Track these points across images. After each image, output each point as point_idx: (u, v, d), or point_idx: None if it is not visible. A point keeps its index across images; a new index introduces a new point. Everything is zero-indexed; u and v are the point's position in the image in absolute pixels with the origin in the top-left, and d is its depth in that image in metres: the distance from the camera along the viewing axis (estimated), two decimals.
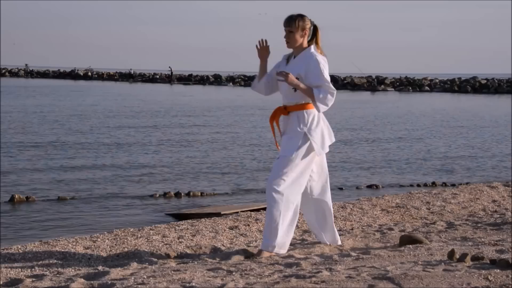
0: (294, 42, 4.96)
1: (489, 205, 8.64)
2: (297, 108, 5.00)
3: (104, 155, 14.74)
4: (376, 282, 3.74)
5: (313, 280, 3.83)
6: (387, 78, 67.49)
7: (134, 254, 5.40)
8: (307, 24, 4.97)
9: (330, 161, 14.41)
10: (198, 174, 12.41)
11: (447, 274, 3.86)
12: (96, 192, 10.40)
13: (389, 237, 6.13)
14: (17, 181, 11.24)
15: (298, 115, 4.99)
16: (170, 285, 3.77)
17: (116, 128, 21.16)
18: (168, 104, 34.38)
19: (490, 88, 59.22)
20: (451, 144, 18.42)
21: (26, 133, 18.82)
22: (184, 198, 10.20)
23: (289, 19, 4.96)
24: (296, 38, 4.95)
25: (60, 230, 7.82)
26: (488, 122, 26.37)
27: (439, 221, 7.27)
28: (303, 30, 4.95)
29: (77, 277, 4.24)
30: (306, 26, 4.96)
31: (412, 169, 13.58)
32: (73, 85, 62.00)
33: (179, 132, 20.19)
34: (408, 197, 9.16)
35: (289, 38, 4.96)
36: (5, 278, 4.35)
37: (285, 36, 4.98)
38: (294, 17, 4.96)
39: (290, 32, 4.95)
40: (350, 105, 36.34)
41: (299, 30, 4.94)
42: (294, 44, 4.97)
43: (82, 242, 6.06)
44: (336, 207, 8.26)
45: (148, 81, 77.63)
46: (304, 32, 4.95)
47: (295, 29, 4.93)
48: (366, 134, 20.67)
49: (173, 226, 7.02)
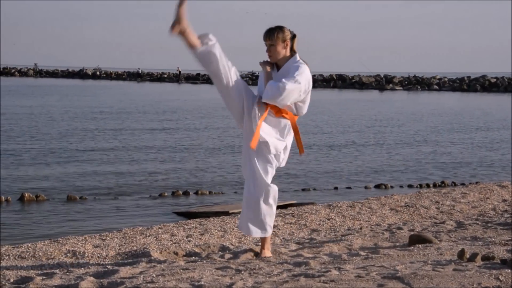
0: (277, 55, 4.94)
1: (499, 204, 8.59)
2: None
3: (113, 154, 14.77)
4: (386, 282, 3.73)
5: (322, 279, 3.82)
6: (396, 77, 67.32)
7: (143, 252, 5.41)
8: (287, 35, 4.94)
9: (339, 161, 14.42)
10: (206, 173, 12.42)
11: (457, 274, 3.84)
12: (105, 191, 10.43)
13: (398, 237, 6.11)
14: (26, 180, 11.29)
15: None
16: (179, 284, 3.77)
17: (125, 128, 21.21)
18: (178, 104, 34.44)
19: (500, 87, 58.94)
20: (461, 143, 18.34)
21: (36, 132, 18.90)
22: (193, 196, 10.22)
23: (268, 32, 4.94)
24: (278, 50, 4.92)
25: (70, 229, 7.85)
26: (498, 121, 26.25)
27: (449, 221, 7.24)
28: (284, 42, 4.92)
29: (86, 275, 4.25)
30: (286, 37, 4.93)
31: (421, 169, 13.53)
32: (81, 85, 62.20)
33: (186, 134, 20.22)
34: (417, 196, 9.13)
35: (271, 51, 4.93)
36: (15, 276, 4.37)
37: (267, 50, 4.95)
38: (273, 30, 4.94)
39: (271, 45, 4.92)
40: (358, 104, 36.28)
41: (280, 42, 4.91)
42: (276, 57, 4.95)
43: (92, 240, 6.08)
44: (344, 207, 8.24)
45: (156, 80, 77.82)
46: (286, 43, 4.93)
47: (275, 42, 4.91)
48: (374, 134, 20.61)
49: (182, 225, 7.03)
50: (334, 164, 13.93)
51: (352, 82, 63.92)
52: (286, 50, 4.94)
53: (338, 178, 12.23)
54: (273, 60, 4.96)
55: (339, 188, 11.16)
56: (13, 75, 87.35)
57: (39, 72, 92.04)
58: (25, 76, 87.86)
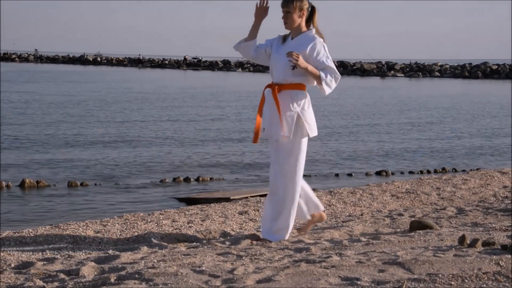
0: (292, 23, 4.93)
1: (500, 190, 8.59)
2: (291, 87, 4.95)
3: (114, 141, 14.77)
4: (386, 267, 3.73)
5: (323, 265, 3.83)
6: (397, 63, 67.14)
7: (144, 238, 5.42)
8: (304, 4, 4.93)
9: (339, 149, 14.41)
10: (208, 159, 12.42)
11: (457, 259, 3.84)
12: (106, 177, 10.44)
13: (399, 223, 6.12)
14: (27, 165, 11.30)
15: (291, 94, 4.94)
16: (180, 269, 3.78)
17: (128, 115, 21.19)
18: (180, 91, 34.38)
19: (501, 74, 58.79)
20: (462, 130, 18.32)
21: (37, 118, 18.88)
22: (194, 183, 10.22)
23: (286, 0, 4.94)
24: (294, 19, 4.92)
25: (71, 214, 7.86)
26: (499, 108, 26.20)
27: (449, 207, 7.24)
28: (301, 11, 4.92)
29: (87, 261, 4.26)
30: (303, 7, 4.93)
31: (422, 155, 13.53)
32: (82, 71, 62.08)
33: (190, 120, 20.20)
34: (418, 182, 9.13)
35: (287, 18, 4.93)
36: (16, 261, 4.38)
37: (283, 17, 4.95)
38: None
39: (287, 12, 4.92)
40: (359, 91, 36.20)
41: (297, 11, 4.92)
42: (292, 25, 4.94)
43: (93, 226, 6.09)
44: (346, 193, 8.24)
45: (157, 66, 77.64)
46: (302, 12, 4.93)
47: (292, 9, 4.91)
48: (375, 120, 20.59)
49: (183, 211, 7.04)
50: (335, 150, 13.92)
51: (353, 69, 63.76)
52: (302, 19, 4.96)
53: (339, 164, 12.22)
54: (288, 27, 4.98)
55: (340, 174, 11.16)
56: (13, 60, 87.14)
57: (40, 58, 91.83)
58: (25, 61, 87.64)
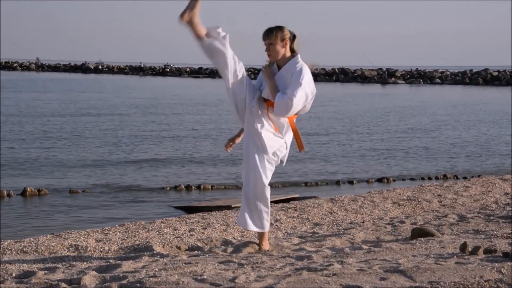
0: (276, 54, 4.95)
1: (501, 197, 8.59)
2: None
3: (115, 148, 14.78)
4: (388, 275, 3.73)
5: (324, 273, 3.82)
6: (398, 70, 67.20)
7: (145, 247, 5.41)
8: (286, 34, 4.95)
9: (339, 156, 14.40)
10: (209, 168, 12.42)
11: (459, 267, 3.84)
12: (107, 186, 10.44)
13: (401, 230, 6.11)
14: (28, 174, 11.30)
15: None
16: (182, 278, 3.78)
17: (128, 121, 21.21)
18: (179, 97, 34.42)
19: (502, 80, 58.81)
20: (463, 137, 18.32)
21: (38, 126, 18.91)
22: (195, 191, 10.22)
23: (267, 32, 4.96)
24: (277, 49, 4.93)
25: (72, 223, 7.86)
26: (500, 115, 26.20)
27: (451, 214, 7.23)
28: (283, 41, 4.94)
29: (89, 270, 4.26)
30: (285, 36, 4.95)
31: (423, 162, 13.52)
32: (83, 79, 62.19)
33: (190, 127, 20.21)
34: (419, 190, 9.12)
35: (270, 50, 4.94)
36: (18, 271, 4.37)
37: (266, 49, 4.97)
38: (272, 29, 4.96)
39: (270, 44, 4.94)
40: (360, 98, 36.23)
41: (279, 41, 4.93)
42: (276, 56, 4.96)
43: (94, 235, 6.08)
44: (347, 200, 8.24)
45: (158, 74, 77.79)
46: (284, 42, 4.94)
47: (274, 41, 4.92)
48: (375, 127, 20.59)
49: (184, 219, 7.04)
50: (335, 157, 13.92)
51: (354, 76, 63.82)
52: (286, 49, 4.94)
53: (340, 171, 12.22)
54: (272, 59, 4.96)
55: (341, 181, 11.16)
56: (15, 69, 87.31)
57: (41, 66, 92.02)
58: (27, 70, 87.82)
